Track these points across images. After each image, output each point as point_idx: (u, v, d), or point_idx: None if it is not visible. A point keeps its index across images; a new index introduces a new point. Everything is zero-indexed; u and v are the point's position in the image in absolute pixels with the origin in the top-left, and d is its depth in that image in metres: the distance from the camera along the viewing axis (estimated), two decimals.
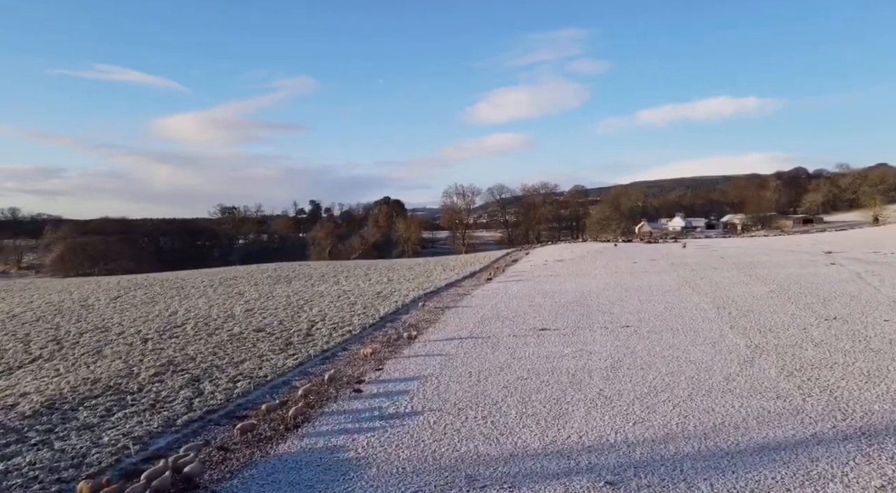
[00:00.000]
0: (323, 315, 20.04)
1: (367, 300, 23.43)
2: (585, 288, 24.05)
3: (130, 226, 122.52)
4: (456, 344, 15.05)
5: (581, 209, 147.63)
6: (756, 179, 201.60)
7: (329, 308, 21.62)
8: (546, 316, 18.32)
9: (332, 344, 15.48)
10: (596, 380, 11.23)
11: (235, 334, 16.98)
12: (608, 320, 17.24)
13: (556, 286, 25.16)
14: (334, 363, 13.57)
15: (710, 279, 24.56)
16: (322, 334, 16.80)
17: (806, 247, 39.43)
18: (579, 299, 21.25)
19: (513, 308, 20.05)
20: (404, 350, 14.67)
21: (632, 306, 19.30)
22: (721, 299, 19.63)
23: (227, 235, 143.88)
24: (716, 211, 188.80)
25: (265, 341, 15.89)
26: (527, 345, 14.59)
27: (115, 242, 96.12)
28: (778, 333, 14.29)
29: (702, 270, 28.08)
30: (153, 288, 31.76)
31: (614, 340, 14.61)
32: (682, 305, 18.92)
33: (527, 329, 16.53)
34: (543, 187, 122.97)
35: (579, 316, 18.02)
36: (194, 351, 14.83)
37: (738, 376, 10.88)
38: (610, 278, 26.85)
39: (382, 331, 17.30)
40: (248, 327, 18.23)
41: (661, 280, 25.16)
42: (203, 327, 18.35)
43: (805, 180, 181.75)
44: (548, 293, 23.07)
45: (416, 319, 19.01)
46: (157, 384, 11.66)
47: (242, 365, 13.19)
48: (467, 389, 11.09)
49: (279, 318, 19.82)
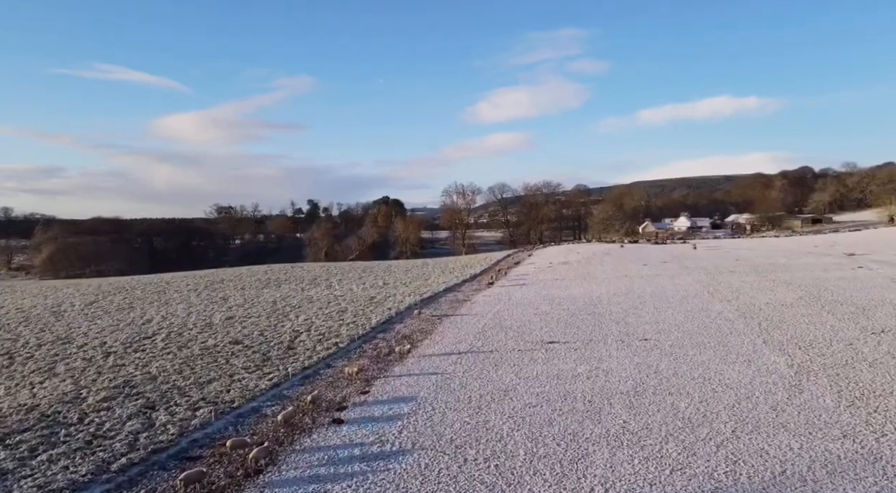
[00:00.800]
0: (309, 324, 18.42)
1: (358, 307, 21.82)
2: (594, 294, 22.44)
3: (124, 226, 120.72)
4: (454, 360, 13.44)
5: (583, 209, 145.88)
6: (761, 178, 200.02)
7: (317, 316, 20.01)
8: (554, 326, 16.71)
9: (315, 359, 13.87)
10: (617, 408, 9.61)
11: (209, 347, 15.36)
12: (623, 331, 15.61)
13: (562, 292, 23.54)
14: (315, 384, 11.96)
15: (729, 284, 22.93)
16: (305, 346, 15.19)
17: (824, 248, 37.79)
18: (589, 307, 19.64)
19: (517, 317, 18.44)
20: (395, 368, 13.06)
21: (648, 314, 17.68)
22: (746, 306, 18.01)
23: (223, 236, 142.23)
24: (720, 211, 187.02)
25: (241, 356, 14.28)
26: (534, 361, 12.99)
27: (107, 242, 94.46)
28: (821, 349, 12.66)
29: (718, 273, 26.45)
30: (133, 292, 30.15)
31: (633, 356, 12.99)
32: (703, 314, 17.30)
33: (533, 342, 14.92)
34: (546, 186, 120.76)
35: (590, 326, 16.40)
36: (158, 368, 13.21)
37: (787, 406, 9.26)
38: (620, 283, 25.23)
39: (372, 343, 15.69)
40: (225, 338, 16.62)
41: (676, 285, 23.54)
42: (175, 339, 16.73)
43: (811, 180, 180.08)
44: (554, 300, 21.45)
45: (411, 329, 17.39)
46: (102, 413, 10.05)
47: (209, 387, 11.58)
48: (466, 419, 9.48)
49: (261, 327, 18.21)
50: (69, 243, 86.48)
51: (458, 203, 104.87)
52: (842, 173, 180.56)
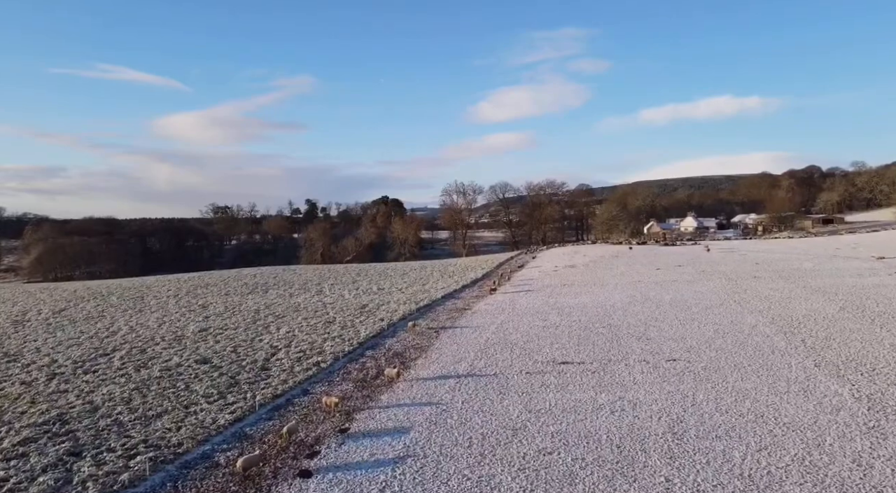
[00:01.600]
0: (290, 338, 16.56)
1: (347, 317, 19.96)
2: (608, 302, 20.57)
3: (116, 226, 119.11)
4: (452, 386, 11.57)
5: (586, 209, 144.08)
6: (767, 178, 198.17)
7: (300, 328, 18.15)
8: (565, 342, 14.84)
9: (290, 384, 12.01)
10: (654, 459, 7.74)
11: (171, 368, 13.50)
12: (646, 348, 13.75)
13: (572, 299, 21.67)
14: (286, 418, 10.09)
15: (755, 292, 21.05)
16: (282, 367, 13.32)
17: (847, 251, 35.89)
18: (603, 317, 17.78)
19: (523, 330, 16.58)
20: (383, 396, 11.20)
21: (671, 328, 15.81)
22: (782, 319, 16.13)
23: (219, 236, 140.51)
24: (725, 211, 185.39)
25: (204, 379, 12.42)
26: (546, 388, 11.12)
27: (97, 243, 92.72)
28: (889, 376, 10.77)
29: (740, 279, 24.57)
30: (109, 298, 28.32)
31: (662, 382, 11.11)
32: (734, 327, 15.42)
33: (543, 362, 13.06)
34: (549, 185, 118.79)
35: (608, 342, 14.53)
36: (104, 396, 11.35)
37: (874, 460, 7.38)
38: (634, 289, 23.36)
39: (359, 363, 13.82)
40: (193, 355, 14.75)
41: (697, 292, 21.67)
42: (135, 356, 14.87)
43: (819, 179, 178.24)
44: (564, 309, 19.59)
45: (404, 345, 15.52)
46: (13, 462, 8.17)
47: (156, 422, 9.71)
48: (466, 472, 7.62)
49: (236, 342, 16.35)
50: (58, 244, 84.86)
51: (458, 203, 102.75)
52: (850, 173, 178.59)
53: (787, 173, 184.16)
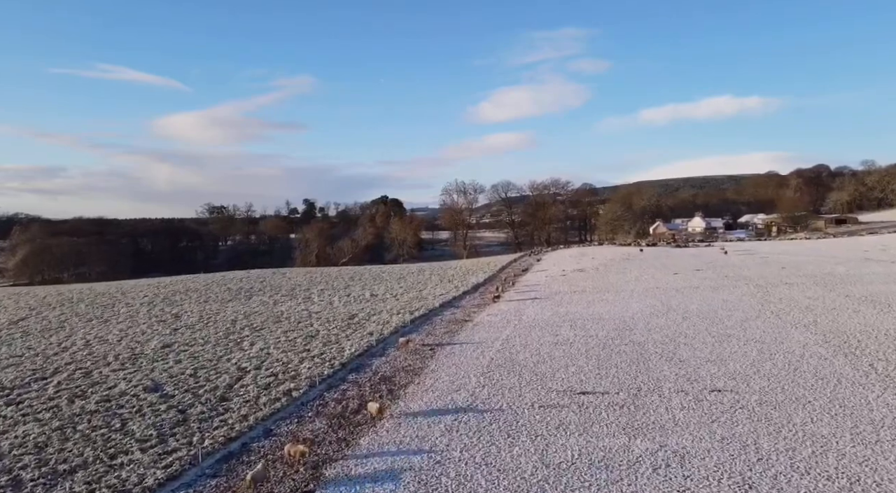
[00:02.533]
0: (262, 358, 14.44)
1: (333, 330, 17.84)
2: (626, 313, 18.43)
3: (108, 226, 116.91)
4: (448, 425, 9.45)
5: (589, 209, 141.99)
6: (774, 177, 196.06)
7: (277, 344, 16.02)
8: (583, 364, 12.71)
9: (251, 422, 9.88)
10: None
11: (113, 398, 11.38)
12: (681, 374, 11.60)
13: (585, 309, 19.53)
14: (235, 474, 7.97)
15: (792, 301, 18.89)
16: (245, 397, 11.20)
17: (876, 253, 33.68)
18: (623, 332, 15.64)
19: (532, 347, 14.44)
20: (363, 439, 9.07)
21: (705, 346, 13.67)
22: (836, 335, 13.97)
23: (214, 237, 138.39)
24: (731, 211, 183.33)
25: (148, 414, 10.29)
26: (564, 430, 8.99)
27: (87, 244, 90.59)
28: None
29: (770, 285, 22.41)
30: (77, 305, 26.22)
31: (710, 423, 8.97)
32: (781, 347, 13.26)
33: (559, 391, 10.93)
34: (554, 184, 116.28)
35: (633, 365, 12.39)
36: (15, 440, 9.23)
37: None
38: (653, 297, 21.22)
39: (338, 391, 11.69)
40: (145, 380, 12.63)
41: (726, 301, 19.51)
42: (77, 381, 12.76)
43: (827, 178, 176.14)
44: (577, 321, 17.45)
45: (393, 366, 13.39)
46: None
47: (65, 482, 7.59)
48: None
49: (199, 362, 14.23)
50: (45, 245, 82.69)
51: (458, 202, 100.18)
52: (859, 172, 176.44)
53: (794, 173, 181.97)
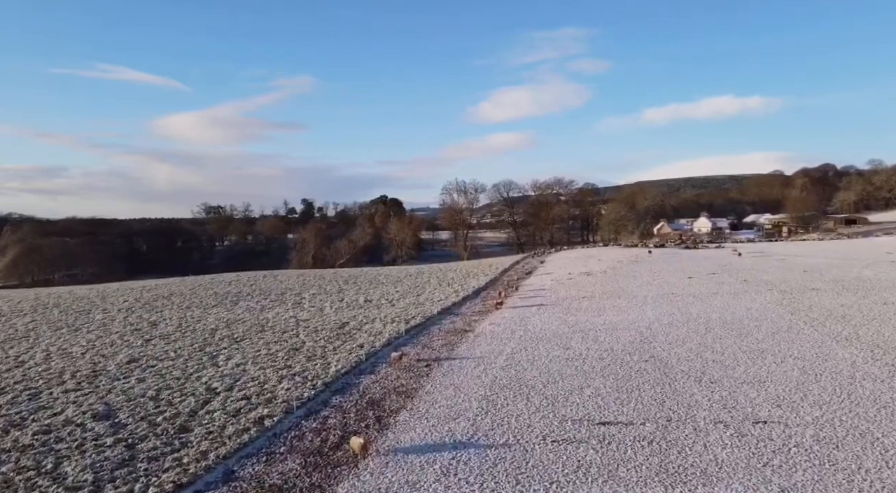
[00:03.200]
0: (237, 375, 12.91)
1: (320, 341, 16.32)
2: (642, 322, 16.90)
3: (102, 226, 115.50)
4: (445, 466, 7.92)
5: (592, 209, 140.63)
6: (779, 177, 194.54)
7: (256, 358, 14.50)
8: (599, 385, 11.19)
9: (210, 460, 8.35)
10: None
11: (54, 428, 9.85)
12: (715, 399, 10.07)
13: (596, 318, 18.01)
14: None
15: (824, 309, 17.35)
16: (208, 428, 9.67)
17: None
18: (641, 345, 14.12)
19: (541, 364, 12.91)
20: (340, 487, 7.54)
21: (737, 363, 12.13)
22: (887, 351, 12.41)
23: (211, 237, 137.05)
24: (736, 210, 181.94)
25: (89, 451, 8.77)
26: (585, 475, 7.45)
27: (78, 244, 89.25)
28: None
29: (796, 291, 20.87)
30: (51, 312, 24.71)
31: (763, 467, 7.43)
32: (826, 364, 11.72)
33: (574, 420, 9.40)
34: (557, 184, 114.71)
35: (658, 387, 10.86)
36: None
37: None
38: (670, 304, 19.69)
39: (319, 419, 10.16)
40: (98, 403, 11.11)
41: (750, 310, 17.98)
42: (20, 405, 11.23)
43: (833, 178, 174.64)
44: (588, 332, 15.92)
45: (384, 387, 11.86)
46: None
47: None
48: None
49: (165, 380, 12.70)
50: (35, 246, 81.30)
51: (459, 202, 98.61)
52: (866, 171, 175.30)
53: (800, 172, 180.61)
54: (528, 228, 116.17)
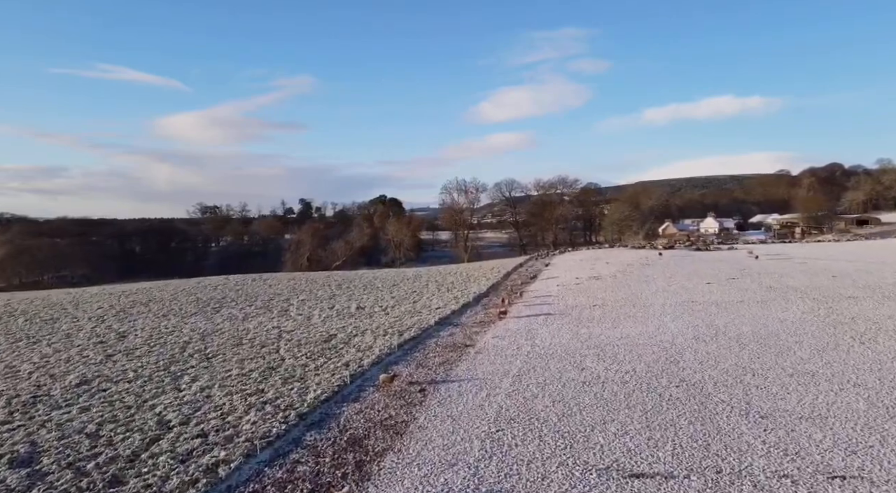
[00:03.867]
0: (198, 403, 11.12)
1: (301, 359, 14.54)
2: (664, 336, 15.10)
3: (94, 227, 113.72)
4: None
5: (595, 209, 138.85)
6: (785, 176, 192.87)
7: (225, 380, 12.72)
8: (625, 418, 9.39)
9: None
10: None
11: None
12: (770, 440, 8.26)
13: (612, 330, 16.20)
14: None
15: (872, 321, 15.54)
16: (146, 480, 7.87)
17: None
18: (668, 365, 12.32)
19: (553, 389, 11.11)
20: None
21: (784, 389, 10.32)
22: None
23: (206, 238, 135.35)
24: (741, 210, 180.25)
25: None
26: None
27: (69, 245, 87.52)
28: None
29: (830, 300, 19.05)
30: (14, 321, 22.92)
31: None
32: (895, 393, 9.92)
33: (598, 470, 7.60)
34: (561, 183, 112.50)
35: (696, 421, 9.06)
36: None
37: None
38: (691, 314, 17.89)
39: (284, 467, 8.35)
40: (21, 444, 9.32)
41: (784, 321, 16.17)
42: None
43: (841, 177, 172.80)
44: (605, 347, 14.12)
45: (368, 420, 10.05)
46: None
47: None
48: None
49: (114, 410, 10.92)
50: (24, 247, 79.50)
51: (459, 202, 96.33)
52: (874, 171, 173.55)
53: (806, 172, 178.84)
54: (530, 229, 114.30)
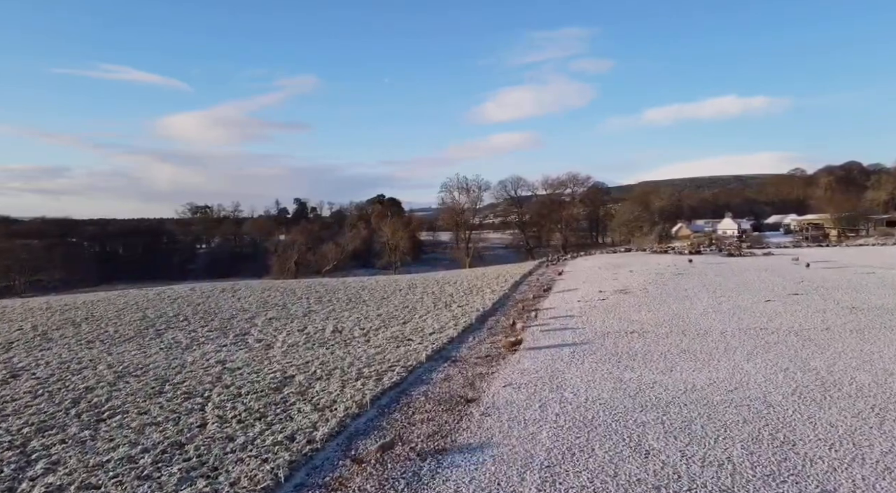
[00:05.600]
0: None
1: (230, 423, 10.28)
2: (748, 390, 10.80)
3: (74, 227, 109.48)
4: None
5: (601, 209, 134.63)
6: (801, 176, 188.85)
7: (90, 475, 8.46)
8: None
9: None
10: None
11: None
12: None
13: (667, 376, 11.90)
14: None
15: None
16: None
17: None
18: (779, 451, 8.02)
19: None
20: None
21: None
22: None
23: (196, 239, 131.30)
24: (755, 211, 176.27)
25: None
26: None
27: (45, 247, 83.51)
28: None
29: None
30: None
31: None
32: None
33: None
34: (572, 180, 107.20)
35: None
36: None
37: None
38: (771, 351, 13.62)
39: None
40: None
41: None
42: None
43: (860, 177, 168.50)
44: (668, 410, 9.81)
45: None
46: None
47: None
48: None
49: None
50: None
51: (460, 201, 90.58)
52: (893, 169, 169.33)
53: (823, 170, 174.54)
54: (534, 229, 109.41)
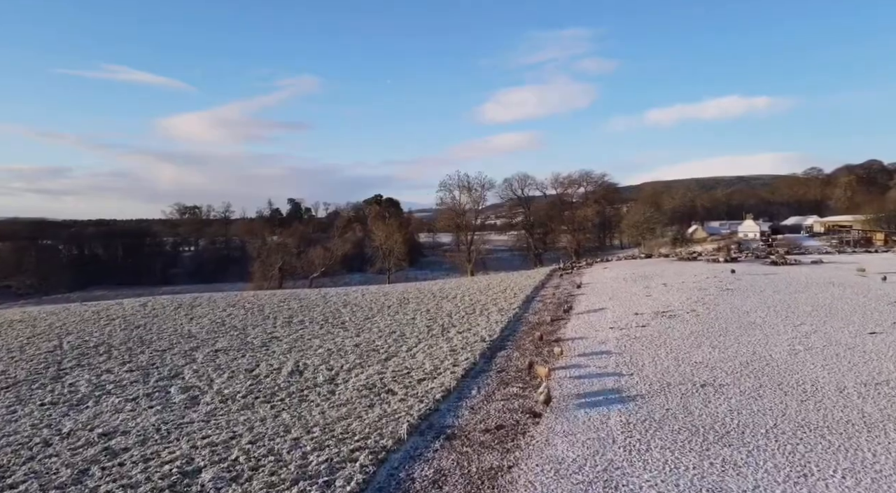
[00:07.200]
0: None
1: None
2: None
3: (50, 229, 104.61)
4: None
5: (609, 209, 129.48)
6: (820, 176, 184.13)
7: None
8: None
9: None
10: None
11: None
12: None
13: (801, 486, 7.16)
14: None
15: None
16: None
17: None
18: None
19: None
20: None
21: None
22: None
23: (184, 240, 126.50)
24: (769, 212, 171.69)
25: None
26: None
27: (17, 250, 78.87)
28: None
29: None
30: None
31: None
32: None
33: None
34: (585, 178, 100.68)
35: None
36: None
37: None
38: None
39: None
40: None
41: None
42: None
43: (882, 176, 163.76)
44: None
45: None
46: None
47: None
48: None
49: None
50: None
51: (461, 201, 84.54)
52: None
53: (842, 169, 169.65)
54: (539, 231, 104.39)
